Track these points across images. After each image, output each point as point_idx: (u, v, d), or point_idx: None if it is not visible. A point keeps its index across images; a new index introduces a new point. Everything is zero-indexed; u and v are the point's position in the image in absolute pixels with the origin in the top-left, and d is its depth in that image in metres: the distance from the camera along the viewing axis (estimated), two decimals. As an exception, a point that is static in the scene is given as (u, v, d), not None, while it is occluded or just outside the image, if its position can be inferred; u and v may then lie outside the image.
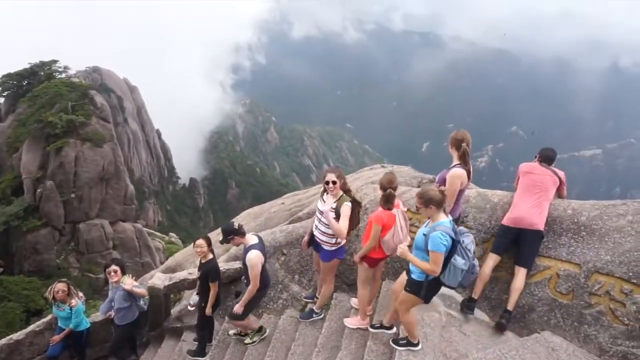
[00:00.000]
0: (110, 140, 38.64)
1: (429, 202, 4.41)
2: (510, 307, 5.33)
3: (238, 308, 5.77)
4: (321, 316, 6.31)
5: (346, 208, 5.43)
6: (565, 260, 5.29)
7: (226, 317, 6.75)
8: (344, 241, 5.74)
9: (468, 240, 4.33)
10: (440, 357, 4.81)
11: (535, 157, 5.84)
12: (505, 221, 5.56)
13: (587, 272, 5.08)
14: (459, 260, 4.22)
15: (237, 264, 7.52)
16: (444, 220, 4.38)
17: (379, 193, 5.43)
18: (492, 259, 5.53)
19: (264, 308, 7.11)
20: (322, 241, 5.75)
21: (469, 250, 4.30)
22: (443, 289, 5.73)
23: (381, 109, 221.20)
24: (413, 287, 4.61)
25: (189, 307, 6.88)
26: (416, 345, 4.88)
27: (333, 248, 5.72)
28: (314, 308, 6.36)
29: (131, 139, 66.43)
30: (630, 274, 4.82)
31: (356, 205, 5.62)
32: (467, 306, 5.56)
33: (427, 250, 4.29)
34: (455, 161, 5.26)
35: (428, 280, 4.45)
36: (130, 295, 6.58)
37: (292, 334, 6.24)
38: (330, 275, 6.03)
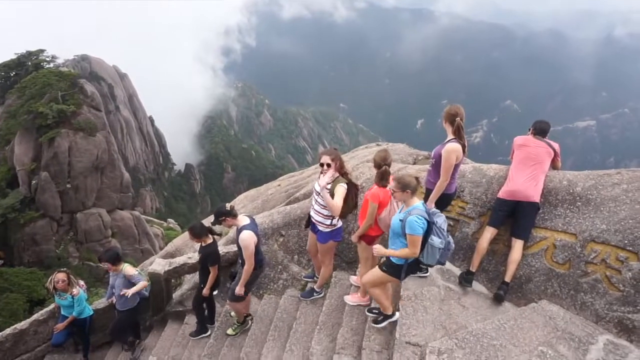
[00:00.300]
0: (103, 129, 38.28)
1: (406, 187, 4.51)
2: (508, 278, 5.40)
3: (239, 289, 5.81)
4: (321, 295, 6.38)
5: (341, 189, 5.43)
6: (561, 231, 5.34)
7: (227, 300, 6.82)
8: (339, 223, 5.76)
9: (441, 220, 4.46)
10: (440, 329, 4.88)
11: (529, 129, 5.85)
12: (501, 194, 5.60)
13: (583, 242, 5.14)
14: (435, 240, 4.36)
15: (235, 247, 7.54)
16: (418, 203, 4.51)
17: (375, 171, 5.44)
18: (489, 232, 5.57)
19: (264, 289, 7.18)
20: (318, 222, 5.78)
21: (443, 229, 4.45)
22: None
23: (374, 88, 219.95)
24: (391, 269, 4.76)
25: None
26: (392, 315, 5.06)
27: (328, 229, 5.74)
28: (315, 287, 6.42)
29: (124, 126, 65.93)
30: (626, 241, 4.87)
31: (352, 187, 5.61)
32: (466, 279, 5.63)
33: (405, 234, 4.39)
34: (450, 136, 5.23)
35: (408, 263, 4.58)
36: (130, 283, 6.63)
37: (293, 313, 6.32)
38: (328, 256, 6.07)
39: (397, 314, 5.03)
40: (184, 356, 6.60)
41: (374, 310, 5.41)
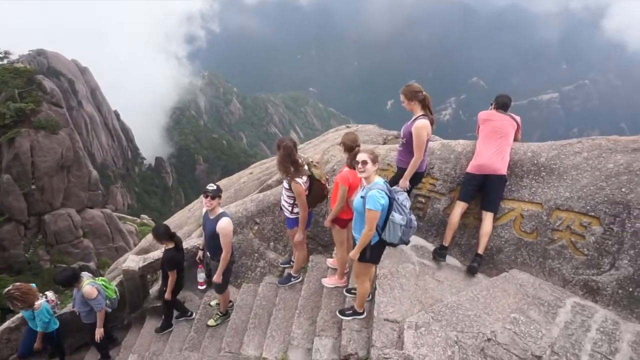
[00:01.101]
0: (66, 126, 36.84)
1: (376, 159, 4.46)
2: (480, 250, 5.55)
3: (217, 278, 5.77)
4: (299, 280, 6.41)
5: (297, 187, 5.40)
6: (528, 201, 5.50)
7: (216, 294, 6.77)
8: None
9: (402, 197, 4.41)
10: (417, 304, 4.99)
11: (491, 104, 5.96)
12: (470, 169, 5.71)
13: (549, 210, 5.32)
14: (396, 217, 4.29)
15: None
16: (379, 180, 4.46)
17: (345, 154, 5.42)
18: (459, 207, 5.69)
19: (242, 277, 7.16)
20: (284, 207, 5.80)
21: (405, 207, 4.38)
22: (416, 241, 5.97)
23: (343, 70, 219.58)
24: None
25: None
26: (361, 314, 5.10)
27: (292, 216, 5.75)
28: (292, 272, 6.44)
29: (88, 122, 63.90)
30: (588, 207, 5.07)
31: (314, 180, 5.52)
32: (439, 254, 5.75)
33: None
34: (419, 112, 5.23)
35: (372, 245, 4.53)
36: (86, 303, 6.27)
37: (272, 300, 6.33)
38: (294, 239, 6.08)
39: (365, 313, 5.11)
40: (165, 351, 6.53)
41: (352, 291, 5.47)
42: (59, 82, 54.29)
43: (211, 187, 5.53)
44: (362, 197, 4.43)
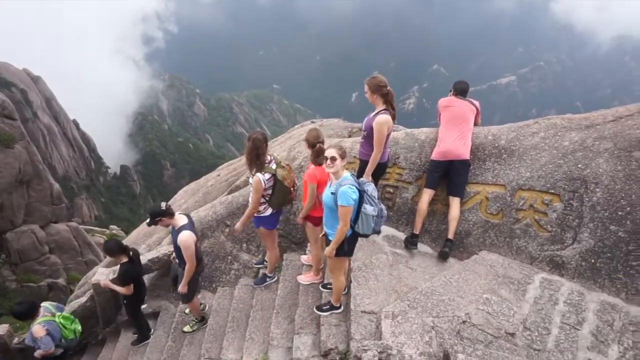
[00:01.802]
0: (22, 139, 35.26)
1: (345, 154, 4.45)
2: (450, 235, 5.66)
3: (182, 288, 5.73)
4: (275, 279, 6.37)
5: (255, 181, 5.30)
6: (491, 184, 5.65)
7: (182, 303, 6.68)
8: (267, 212, 5.62)
9: (371, 188, 4.42)
10: (392, 294, 5.05)
11: (450, 91, 6.06)
12: (434, 156, 5.80)
13: (512, 191, 5.48)
14: (368, 208, 4.31)
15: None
16: (347, 174, 4.45)
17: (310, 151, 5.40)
18: (427, 194, 5.78)
19: (217, 282, 7.06)
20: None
21: (374, 197, 4.41)
22: (387, 231, 6.03)
23: (306, 65, 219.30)
24: (338, 251, 4.65)
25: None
26: (338, 308, 5.13)
27: (257, 215, 5.65)
28: (266, 272, 6.40)
29: (46, 134, 61.46)
30: (548, 185, 5.25)
31: (277, 181, 5.38)
32: (411, 242, 5.83)
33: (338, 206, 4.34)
34: (381, 106, 5.19)
35: (347, 237, 4.52)
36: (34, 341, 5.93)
37: (249, 302, 6.27)
38: (267, 240, 6.02)
39: (342, 307, 5.13)
40: (142, 363, 6.40)
41: (328, 286, 5.49)
42: (10, 94, 51.86)
43: (156, 209, 5.52)
44: (332, 193, 4.41)
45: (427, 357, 3.98)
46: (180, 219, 5.61)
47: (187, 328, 6.46)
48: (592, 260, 4.92)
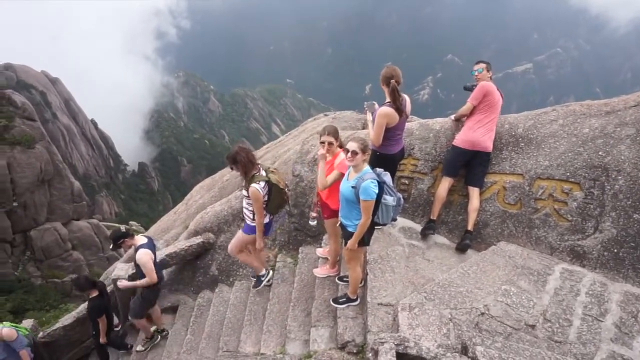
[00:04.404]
0: (42, 140, 36.11)
1: (366, 149, 4.41)
2: (470, 227, 5.55)
3: (126, 284, 6.09)
4: (270, 275, 6.42)
5: (254, 192, 5.30)
6: (509, 173, 5.54)
7: (129, 317, 6.81)
8: (266, 219, 5.67)
9: (388, 179, 4.40)
10: (409, 286, 5.01)
11: (479, 72, 5.66)
12: (460, 143, 5.57)
13: (530, 180, 5.36)
14: (388, 199, 4.31)
15: (198, 239, 7.42)
16: (367, 167, 4.43)
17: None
18: (447, 182, 5.67)
19: (233, 276, 7.12)
20: (245, 215, 5.78)
21: (392, 187, 4.40)
22: (403, 223, 5.98)
23: (318, 59, 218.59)
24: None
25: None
26: (355, 300, 5.09)
27: (253, 223, 5.68)
28: (258, 274, 6.44)
29: (65, 134, 62.73)
30: (568, 174, 5.12)
31: (272, 185, 5.42)
32: (427, 227, 5.76)
33: (359, 200, 4.32)
34: (387, 98, 5.10)
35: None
36: (7, 347, 6.16)
37: (266, 295, 6.30)
38: (240, 248, 6.07)
39: (359, 299, 5.11)
40: (162, 356, 6.52)
41: (344, 279, 5.47)
42: (30, 96, 53.05)
43: (117, 233, 5.95)
44: (352, 187, 4.40)
45: (445, 349, 3.94)
46: (140, 240, 6.06)
47: (139, 347, 6.81)
48: (615, 250, 4.79)
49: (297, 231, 6.85)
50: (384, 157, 5.27)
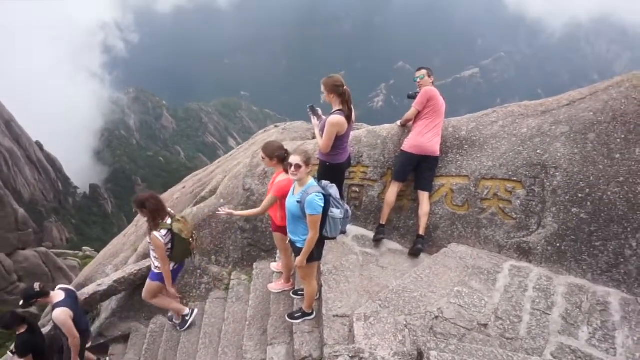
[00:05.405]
0: (-21, 165, 33.96)
1: (309, 161, 4.32)
2: (422, 231, 5.58)
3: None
4: (195, 313, 6.31)
5: (155, 240, 5.33)
6: (455, 175, 5.65)
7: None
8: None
9: (334, 191, 4.34)
10: (364, 295, 4.97)
11: (420, 79, 5.73)
12: (408, 148, 5.59)
13: (475, 181, 5.48)
14: (335, 212, 4.24)
15: (148, 262, 7.09)
16: (311, 181, 4.35)
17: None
18: (396, 186, 5.69)
19: (187, 297, 6.84)
20: (152, 261, 5.72)
21: (338, 199, 4.34)
22: (356, 231, 5.95)
23: (273, 70, 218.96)
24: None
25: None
26: (311, 314, 5.02)
27: (157, 270, 5.66)
28: (174, 320, 6.35)
29: (8, 158, 59.38)
30: (510, 173, 5.28)
31: (174, 235, 5.40)
32: (378, 232, 5.78)
33: (305, 214, 4.24)
34: (337, 106, 5.03)
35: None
36: None
37: (221, 315, 6.10)
38: (151, 294, 5.94)
39: (315, 312, 5.02)
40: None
41: (299, 292, 5.36)
42: (-34, 119, 49.84)
43: (30, 291, 5.47)
44: (298, 201, 4.29)
45: (400, 356, 3.91)
46: (57, 296, 5.55)
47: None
48: (558, 244, 4.96)
49: (250, 246, 6.69)
50: (333, 167, 5.21)
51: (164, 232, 5.33)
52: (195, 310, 6.35)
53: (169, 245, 5.42)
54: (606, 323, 4.26)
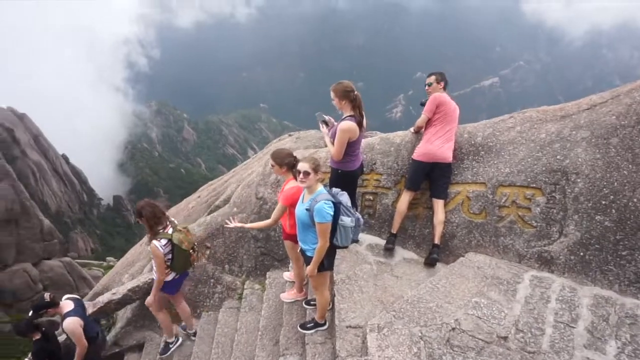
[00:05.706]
0: (7, 178, 35.04)
1: (318, 168, 4.23)
2: (437, 240, 5.43)
3: None
4: (179, 343, 6.28)
5: (153, 249, 5.29)
6: (471, 182, 5.48)
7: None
8: (169, 277, 5.59)
9: (345, 199, 4.25)
10: (378, 305, 4.83)
11: (438, 82, 5.66)
12: (418, 157, 5.51)
13: (493, 188, 5.31)
14: (345, 220, 4.13)
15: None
16: (321, 188, 4.26)
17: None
18: (408, 195, 5.58)
19: (201, 307, 6.80)
20: (153, 269, 5.68)
21: (350, 207, 4.24)
22: (370, 240, 5.83)
23: (291, 83, 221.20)
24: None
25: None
26: (323, 325, 4.91)
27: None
28: (165, 339, 6.30)
29: (36, 171, 61.28)
30: (529, 179, 5.09)
31: (174, 245, 5.34)
32: (389, 241, 5.65)
33: (314, 223, 4.15)
34: (348, 112, 4.96)
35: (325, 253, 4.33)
36: None
37: (233, 325, 6.03)
38: (157, 305, 5.93)
39: (327, 323, 4.92)
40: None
41: (311, 302, 5.26)
42: (-4, 133, 51.64)
43: (40, 302, 5.53)
44: (307, 209, 4.20)
45: (415, 370, 3.75)
46: (66, 306, 5.60)
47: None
48: (581, 253, 4.74)
49: (263, 255, 6.63)
50: (344, 175, 5.13)
51: (164, 241, 5.30)
52: (180, 340, 6.31)
53: (169, 256, 5.38)
54: (636, 337, 4.02)
